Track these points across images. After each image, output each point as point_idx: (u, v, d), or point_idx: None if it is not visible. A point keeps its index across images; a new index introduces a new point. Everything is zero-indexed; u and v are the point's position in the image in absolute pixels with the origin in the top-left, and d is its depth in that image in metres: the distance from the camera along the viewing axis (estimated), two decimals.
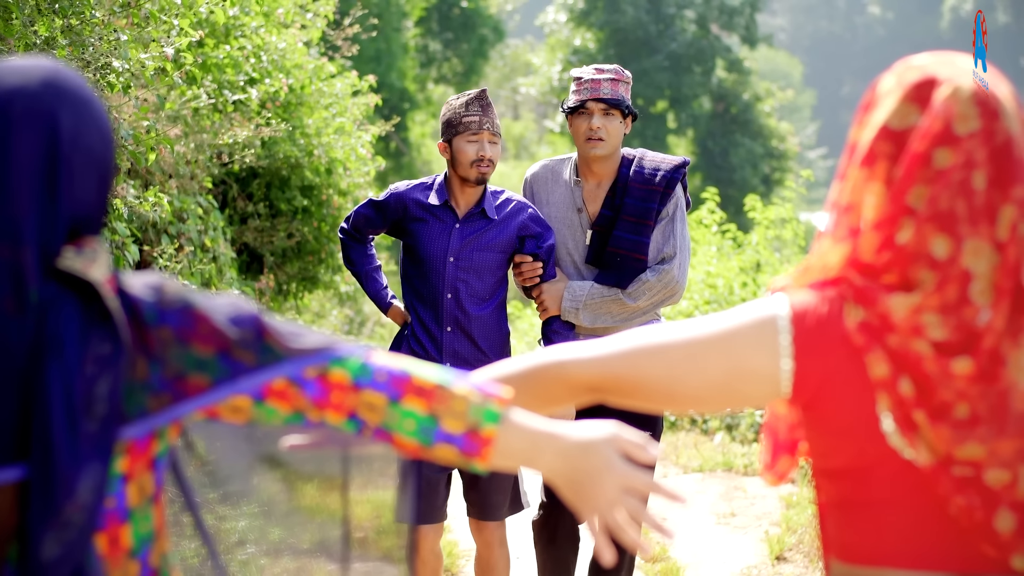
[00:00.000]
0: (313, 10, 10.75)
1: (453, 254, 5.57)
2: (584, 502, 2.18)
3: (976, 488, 2.05)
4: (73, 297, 2.00)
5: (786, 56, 76.79)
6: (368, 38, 14.85)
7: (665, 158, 5.73)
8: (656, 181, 5.58)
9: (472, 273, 5.57)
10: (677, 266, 5.52)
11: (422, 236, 5.62)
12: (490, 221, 5.65)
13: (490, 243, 5.61)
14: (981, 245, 2.05)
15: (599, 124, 5.58)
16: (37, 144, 2.01)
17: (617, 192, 5.66)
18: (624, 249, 5.56)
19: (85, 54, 5.27)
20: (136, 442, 2.06)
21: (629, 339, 2.27)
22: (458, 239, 5.59)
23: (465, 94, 5.72)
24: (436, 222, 5.64)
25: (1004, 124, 2.08)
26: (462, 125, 5.61)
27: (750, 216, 16.00)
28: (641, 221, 5.55)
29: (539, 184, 5.89)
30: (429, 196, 5.69)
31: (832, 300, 2.14)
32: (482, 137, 5.58)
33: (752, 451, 10.49)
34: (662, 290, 5.51)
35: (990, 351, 2.04)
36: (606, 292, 5.56)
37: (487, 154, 5.58)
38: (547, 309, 5.66)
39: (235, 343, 2.10)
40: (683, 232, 5.62)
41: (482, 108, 5.62)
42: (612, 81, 5.61)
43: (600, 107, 5.60)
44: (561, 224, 5.75)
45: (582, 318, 5.59)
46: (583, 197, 5.74)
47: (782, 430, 2.28)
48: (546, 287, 5.68)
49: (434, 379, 2.17)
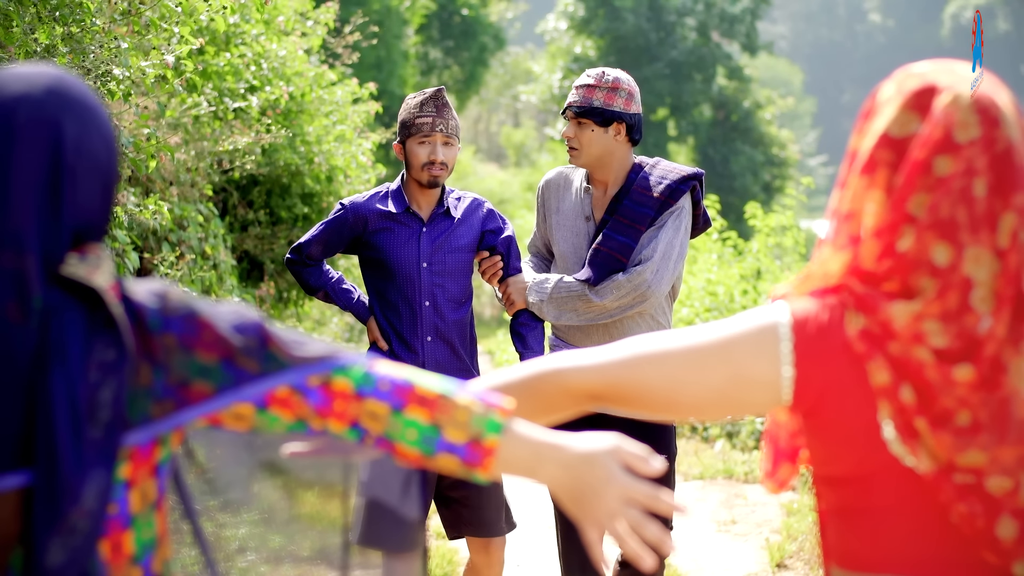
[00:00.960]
0: (314, 18, 10.76)
1: (425, 259, 5.43)
2: (585, 513, 2.18)
3: (978, 495, 2.05)
4: (77, 304, 2.00)
5: (787, 64, 76.84)
6: (368, 46, 14.86)
7: (676, 168, 5.42)
8: (659, 190, 5.30)
9: (447, 277, 5.45)
10: (652, 270, 5.20)
11: (389, 246, 5.46)
12: (454, 221, 5.53)
13: (459, 244, 5.50)
14: (982, 252, 2.05)
15: (571, 133, 5.40)
16: (41, 151, 2.01)
17: (621, 196, 5.39)
18: (607, 248, 5.30)
19: (85, 62, 5.27)
20: (139, 448, 2.06)
21: (629, 346, 2.27)
22: (428, 243, 5.45)
23: (421, 93, 5.57)
24: (402, 229, 5.48)
25: (1004, 131, 2.08)
26: (414, 127, 5.46)
27: (751, 223, 16.00)
28: (633, 225, 5.29)
29: (551, 191, 5.67)
30: (388, 204, 5.52)
31: (833, 308, 2.14)
32: (434, 139, 5.44)
33: (753, 458, 10.49)
34: (632, 292, 5.21)
35: (991, 358, 2.04)
36: (573, 287, 5.32)
37: (439, 157, 5.44)
38: (513, 303, 5.53)
39: (239, 351, 2.10)
40: (671, 240, 5.28)
41: (436, 109, 5.47)
42: (587, 88, 5.36)
43: (571, 115, 5.41)
44: (569, 232, 5.51)
45: (546, 312, 5.41)
46: (592, 205, 5.49)
47: (783, 437, 2.28)
48: (512, 280, 5.56)
49: (437, 389, 2.17)
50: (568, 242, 5.49)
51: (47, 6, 5.08)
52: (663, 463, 2.24)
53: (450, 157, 5.52)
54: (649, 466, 2.20)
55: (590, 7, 40.50)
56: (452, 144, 5.53)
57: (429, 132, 5.42)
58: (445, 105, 5.51)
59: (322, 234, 5.58)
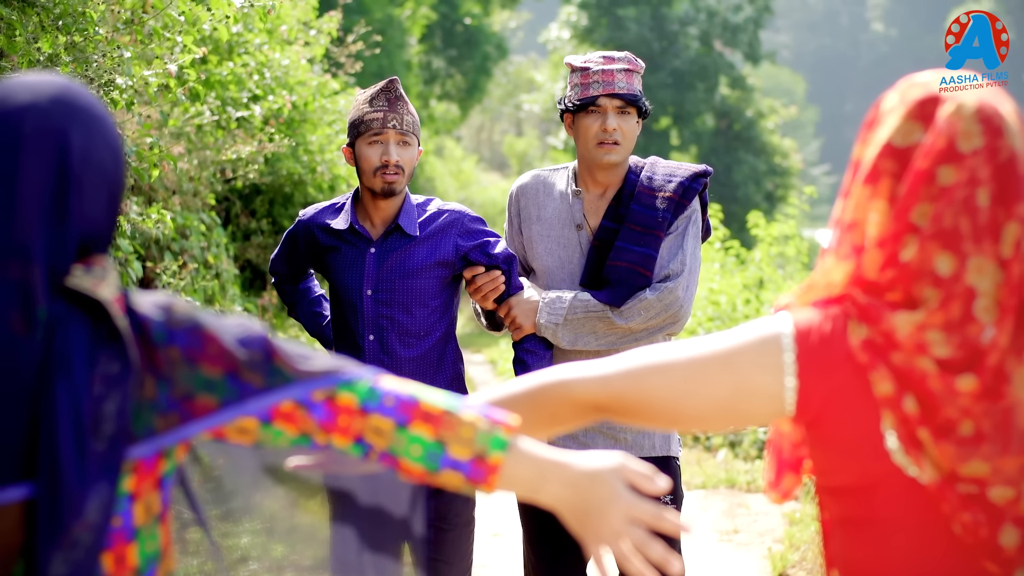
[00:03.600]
0: (316, 27, 10.77)
1: (370, 286, 4.67)
2: (589, 532, 2.18)
3: (980, 505, 2.05)
4: (82, 316, 2.00)
5: (789, 73, 76.84)
6: (371, 55, 14.86)
7: (681, 165, 4.80)
8: (671, 189, 4.70)
9: (398, 308, 4.64)
10: (683, 286, 4.61)
11: (335, 268, 4.74)
12: (412, 239, 4.69)
13: (417, 267, 4.67)
14: (985, 262, 2.05)
15: (615, 125, 4.66)
16: (48, 161, 2.01)
17: (623, 200, 4.75)
18: (626, 262, 4.63)
19: (88, 71, 5.28)
20: (143, 462, 2.06)
21: (633, 358, 2.27)
22: (373, 266, 4.67)
23: (373, 87, 4.79)
24: (348, 249, 4.73)
25: (1007, 141, 2.08)
26: (363, 124, 4.68)
27: (753, 233, 16.00)
28: (649, 231, 4.65)
29: (528, 197, 4.95)
30: (337, 219, 4.77)
31: (836, 318, 2.14)
32: (386, 138, 4.64)
33: (755, 468, 10.48)
34: (662, 312, 4.60)
35: (994, 368, 2.04)
36: (592, 307, 4.61)
37: (392, 158, 4.61)
38: (520, 327, 4.72)
39: (243, 364, 2.10)
40: (694, 250, 4.71)
41: (388, 103, 4.67)
42: (626, 72, 4.70)
43: (615, 104, 4.68)
44: (554, 243, 4.82)
45: (561, 336, 4.65)
46: (583, 211, 4.81)
47: (786, 448, 2.28)
48: (516, 301, 4.74)
49: (442, 405, 2.17)
50: (553, 255, 4.84)
51: (50, 15, 5.09)
52: (667, 482, 2.24)
53: (407, 159, 4.69)
54: (654, 484, 2.20)
55: (593, 16, 40.50)
56: (409, 143, 4.71)
57: (380, 129, 4.64)
58: (399, 98, 4.73)
59: (282, 250, 5.06)
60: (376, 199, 4.68)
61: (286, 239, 4.96)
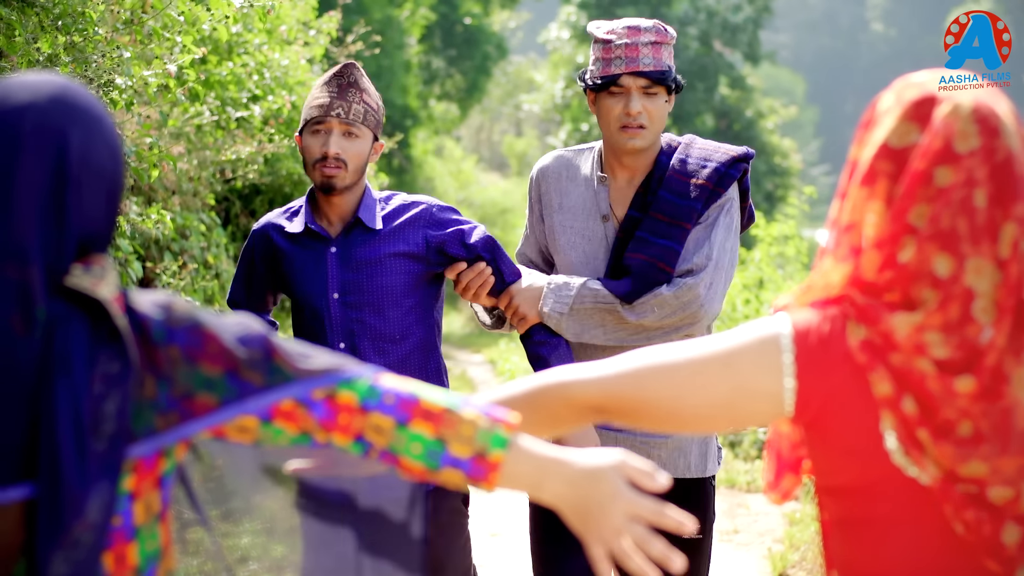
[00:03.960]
0: (316, 27, 10.77)
1: (336, 288, 4.22)
2: (590, 530, 2.18)
3: (980, 504, 2.05)
4: (81, 315, 2.00)
5: (789, 73, 76.80)
6: (371, 55, 14.86)
7: (720, 147, 4.29)
8: (704, 175, 4.19)
9: (368, 310, 4.21)
10: (705, 283, 4.11)
11: (294, 277, 4.29)
12: (375, 233, 4.25)
13: (384, 262, 4.23)
14: (983, 263, 2.05)
15: (639, 108, 4.14)
16: (46, 161, 2.01)
17: (651, 186, 4.25)
18: (646, 255, 4.15)
19: (88, 71, 5.28)
20: (143, 460, 2.06)
21: (632, 359, 2.28)
22: (337, 267, 4.23)
23: (331, 69, 4.32)
24: (307, 254, 4.28)
25: (1004, 141, 2.08)
26: (308, 110, 4.24)
27: (753, 233, 16.00)
28: (675, 222, 4.16)
29: (550, 182, 4.44)
30: (292, 224, 4.33)
31: (834, 319, 2.15)
32: (329, 127, 4.17)
33: (755, 468, 10.47)
34: (679, 310, 4.10)
35: (993, 369, 2.04)
36: (602, 298, 4.13)
37: (331, 150, 4.14)
38: (524, 317, 4.23)
39: (243, 363, 2.10)
40: (724, 243, 4.19)
41: (338, 89, 4.21)
42: (654, 46, 4.16)
43: (640, 84, 4.16)
44: (578, 236, 4.34)
45: (566, 327, 4.18)
46: (610, 200, 4.32)
47: (785, 448, 2.28)
48: (516, 290, 4.26)
49: (442, 403, 2.17)
50: (578, 248, 4.34)
51: (50, 15, 5.10)
52: (668, 479, 2.23)
53: (353, 152, 4.20)
54: (654, 481, 2.20)
55: (592, 16, 40.41)
56: (357, 136, 4.22)
57: (322, 117, 4.17)
58: (352, 85, 4.24)
59: (239, 272, 4.52)
60: (330, 196, 4.23)
61: (243, 257, 4.45)
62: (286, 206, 4.44)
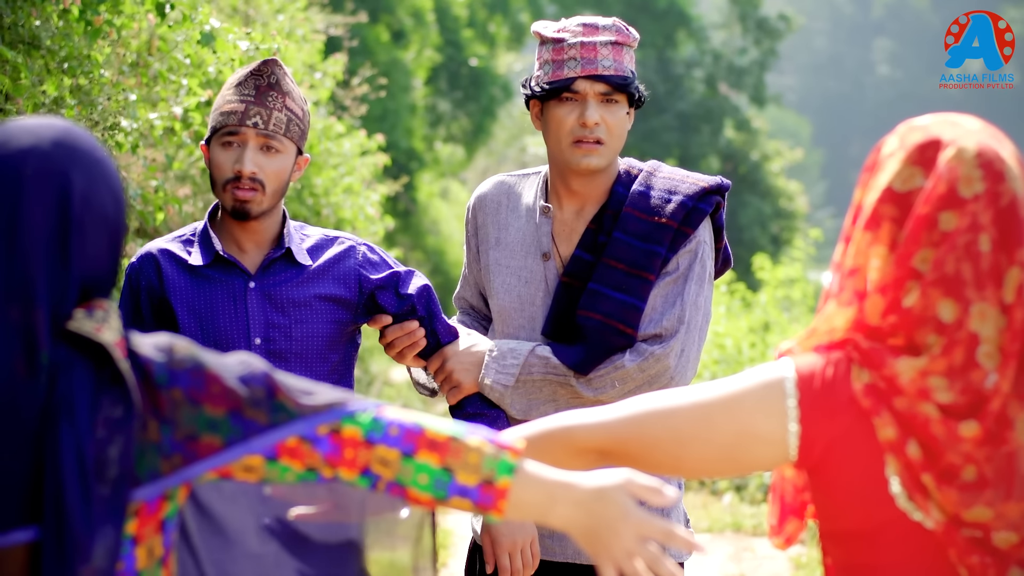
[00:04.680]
0: (322, 70, 10.80)
1: (259, 332, 3.46)
2: (601, 551, 2.17)
3: (985, 549, 2.04)
4: (84, 359, 2.00)
5: (795, 115, 76.97)
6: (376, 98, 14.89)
7: (689, 176, 3.59)
8: (669, 212, 3.49)
9: (295, 361, 3.47)
10: (676, 351, 3.45)
11: (197, 317, 3.47)
12: (302, 270, 3.51)
13: (315, 308, 3.51)
14: (987, 308, 2.04)
15: (596, 118, 3.47)
16: (49, 205, 2.02)
17: (604, 223, 3.56)
18: (601, 313, 3.48)
19: (93, 114, 5.29)
20: (146, 505, 2.06)
21: (636, 404, 2.27)
22: (259, 306, 3.47)
23: (245, 66, 3.56)
24: (214, 288, 3.48)
25: (1009, 186, 2.08)
26: (219, 117, 3.46)
27: (759, 276, 16.00)
28: (634, 271, 3.48)
29: (487, 213, 3.75)
30: (191, 252, 3.50)
31: (838, 363, 2.14)
32: (243, 139, 3.41)
33: (761, 512, 10.45)
34: (646, 384, 3.44)
35: (997, 414, 2.03)
36: (552, 368, 3.48)
37: (246, 168, 3.39)
38: (459, 385, 3.55)
39: (246, 402, 2.10)
40: (696, 299, 3.51)
41: (255, 92, 3.43)
42: (614, 47, 3.51)
43: (599, 89, 3.49)
44: (513, 277, 3.64)
45: (511, 402, 3.51)
46: (553, 234, 3.62)
47: (789, 493, 2.27)
48: (450, 352, 3.58)
49: (447, 432, 2.17)
50: (511, 293, 3.65)
51: (55, 58, 5.11)
52: (676, 492, 2.23)
53: (271, 171, 3.44)
54: (662, 497, 2.19)
55: None
56: (278, 151, 3.46)
57: (236, 127, 3.41)
58: (272, 87, 3.47)
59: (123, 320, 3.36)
60: (243, 222, 3.48)
61: (123, 300, 3.56)
62: (173, 233, 3.62)
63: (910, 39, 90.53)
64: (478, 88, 33.21)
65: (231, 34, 5.71)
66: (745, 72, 40.75)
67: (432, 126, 32.31)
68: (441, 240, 27.02)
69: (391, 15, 24.92)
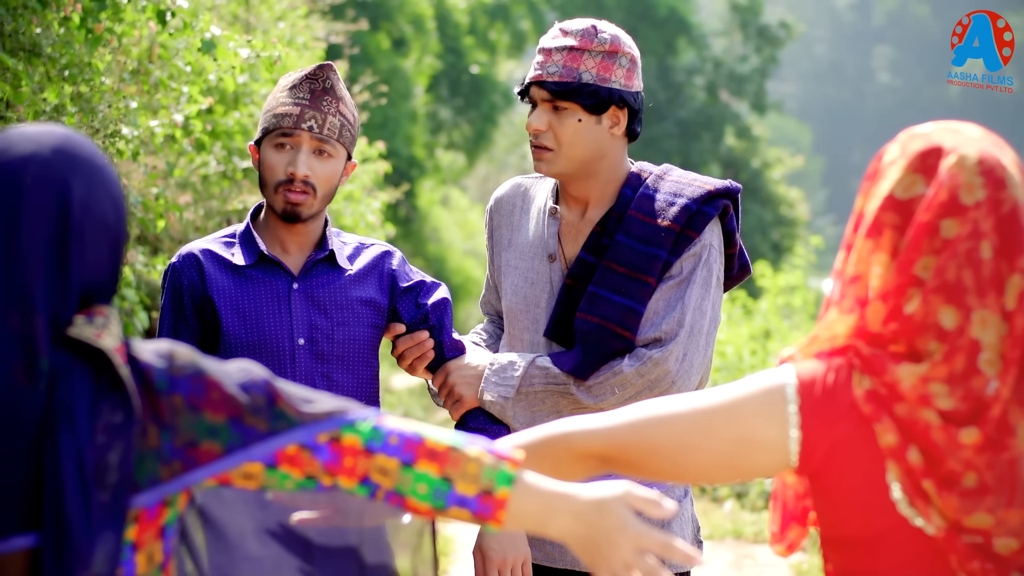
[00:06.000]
0: None
1: (302, 333, 3.45)
2: (599, 562, 2.18)
3: (986, 555, 2.05)
4: (84, 366, 2.00)
5: (795, 123, 77.00)
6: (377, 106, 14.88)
7: (696, 179, 3.52)
8: (671, 215, 3.43)
9: (338, 362, 3.48)
10: (676, 355, 3.38)
11: (242, 316, 3.45)
12: (342, 273, 3.53)
13: (356, 311, 3.52)
14: (989, 315, 2.05)
15: (541, 124, 3.44)
16: (49, 212, 2.02)
17: (608, 225, 3.51)
18: (599, 316, 3.43)
19: (94, 121, 5.29)
20: (146, 511, 2.06)
21: (638, 410, 2.27)
22: (303, 307, 3.47)
23: (300, 70, 3.54)
24: (258, 288, 3.47)
25: (1010, 193, 2.08)
26: (273, 119, 3.46)
27: (759, 283, 16.00)
28: (634, 274, 3.43)
29: (503, 214, 3.75)
30: (233, 252, 3.50)
31: (839, 369, 2.14)
32: (298, 142, 3.42)
33: (762, 519, 10.45)
34: (646, 390, 3.35)
35: (998, 420, 2.04)
36: (552, 378, 3.42)
37: (299, 172, 3.40)
38: (461, 399, 3.53)
39: (246, 409, 2.10)
40: (700, 303, 3.43)
41: (311, 96, 3.44)
42: (570, 52, 3.42)
43: (543, 96, 3.45)
44: (520, 278, 3.64)
45: (513, 414, 3.46)
46: (559, 235, 3.59)
47: (790, 499, 2.27)
48: (454, 367, 3.55)
49: (447, 442, 2.17)
50: (518, 293, 3.63)
51: (56, 65, 5.11)
52: (674, 505, 2.23)
53: (323, 175, 3.47)
54: (660, 509, 2.19)
55: None
56: (331, 155, 3.48)
57: (291, 129, 3.41)
58: (327, 91, 3.48)
59: (166, 320, 3.52)
60: (286, 223, 3.49)
61: (168, 301, 3.53)
62: (212, 235, 3.61)
63: (911, 46, 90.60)
64: (479, 95, 33.19)
65: (232, 42, 5.71)
66: (746, 79, 40.77)
67: (433, 133, 32.30)
68: (442, 247, 26.98)
69: (392, 22, 24.91)
